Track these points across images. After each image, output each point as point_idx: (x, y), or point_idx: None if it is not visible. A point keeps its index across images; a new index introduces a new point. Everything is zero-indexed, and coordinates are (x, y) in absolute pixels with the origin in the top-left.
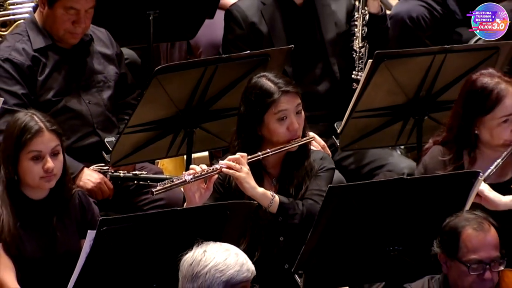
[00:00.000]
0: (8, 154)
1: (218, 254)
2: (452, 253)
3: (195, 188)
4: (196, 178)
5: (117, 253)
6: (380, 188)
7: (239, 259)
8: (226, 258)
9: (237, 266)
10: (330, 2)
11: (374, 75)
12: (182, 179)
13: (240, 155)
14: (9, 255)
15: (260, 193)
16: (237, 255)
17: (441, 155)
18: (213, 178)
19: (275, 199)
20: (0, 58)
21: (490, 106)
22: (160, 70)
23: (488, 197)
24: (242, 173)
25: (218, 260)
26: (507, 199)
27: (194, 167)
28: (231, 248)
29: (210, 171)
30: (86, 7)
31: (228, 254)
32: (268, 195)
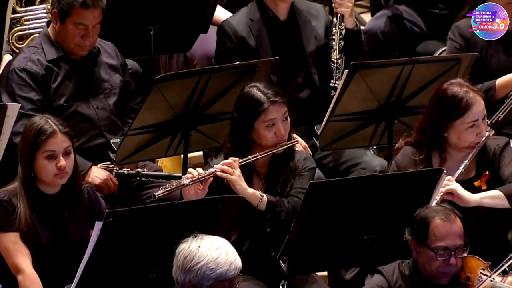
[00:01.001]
0: (25, 154)
1: (210, 252)
2: (422, 240)
3: (192, 190)
4: (194, 182)
5: (121, 242)
6: (355, 184)
7: (228, 258)
8: (217, 257)
9: (226, 265)
10: (310, 19)
11: (349, 83)
12: (181, 182)
13: (233, 160)
14: (26, 244)
15: (250, 193)
16: (227, 254)
17: (413, 155)
18: (209, 181)
19: (263, 199)
20: (17, 68)
21: (460, 112)
22: (160, 79)
23: (461, 195)
24: (234, 176)
25: (209, 259)
26: (476, 197)
27: (192, 171)
28: (222, 245)
29: (206, 174)
30: (94, 23)
31: (219, 253)
32: (258, 195)
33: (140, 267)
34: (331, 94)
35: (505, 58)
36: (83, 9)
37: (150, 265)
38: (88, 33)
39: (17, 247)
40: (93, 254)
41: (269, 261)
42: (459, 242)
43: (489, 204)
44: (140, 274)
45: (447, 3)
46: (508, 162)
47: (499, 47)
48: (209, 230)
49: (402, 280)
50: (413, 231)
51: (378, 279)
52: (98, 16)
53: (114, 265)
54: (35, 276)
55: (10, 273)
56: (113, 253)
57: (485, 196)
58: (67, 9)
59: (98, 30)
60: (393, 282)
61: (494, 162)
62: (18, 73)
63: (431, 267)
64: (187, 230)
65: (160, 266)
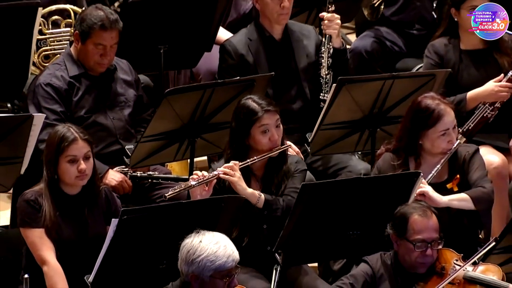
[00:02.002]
0: (49, 158)
1: (210, 246)
2: (402, 234)
3: (198, 190)
4: (200, 183)
5: (135, 237)
6: (343, 185)
7: (227, 251)
8: (216, 250)
9: (224, 258)
10: (302, 38)
11: (337, 96)
12: (188, 184)
13: (234, 163)
14: (50, 238)
15: (250, 193)
16: (226, 247)
17: (392, 160)
18: (213, 182)
19: (261, 198)
20: (43, 83)
21: (433, 122)
22: (169, 92)
23: (432, 196)
24: (235, 178)
25: (209, 252)
26: (445, 199)
27: (198, 173)
28: (221, 240)
29: (210, 176)
30: (111, 43)
31: (218, 246)
32: (256, 194)
33: (151, 259)
34: (320, 105)
35: (475, 74)
36: (102, 31)
37: (160, 257)
38: (106, 52)
39: (43, 241)
40: (109, 247)
41: (266, 254)
42: (435, 236)
43: (457, 205)
44: (151, 265)
45: (423, 25)
46: (476, 168)
47: (470, 63)
48: (213, 226)
49: (385, 268)
50: (394, 226)
51: (363, 267)
52: (115, 37)
53: (129, 258)
54: (58, 267)
55: (36, 264)
56: (127, 247)
57: (454, 199)
58: (87, 31)
59: (115, 49)
60: (377, 270)
61: (464, 167)
62: (43, 88)
63: (410, 258)
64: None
65: (169, 258)
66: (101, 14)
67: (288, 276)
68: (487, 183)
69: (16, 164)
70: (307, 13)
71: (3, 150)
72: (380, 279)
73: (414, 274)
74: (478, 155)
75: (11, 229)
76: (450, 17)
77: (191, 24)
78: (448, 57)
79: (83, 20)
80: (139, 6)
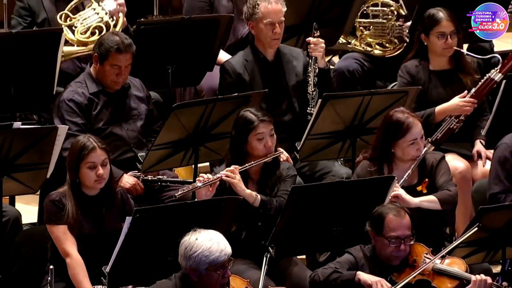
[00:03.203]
0: (72, 164)
1: (205, 242)
2: (379, 231)
3: (203, 191)
4: (204, 184)
5: (146, 233)
6: (327, 188)
7: (219, 247)
8: (210, 246)
9: (217, 253)
10: (292, 60)
11: (322, 110)
12: (195, 185)
13: (234, 167)
14: (72, 234)
15: (248, 193)
16: (219, 243)
17: (368, 167)
18: (216, 184)
19: (257, 198)
20: (66, 98)
21: (402, 133)
22: (176, 107)
23: (405, 198)
24: (235, 180)
25: (204, 248)
26: (416, 200)
27: (203, 176)
28: (214, 237)
29: (214, 179)
30: (126, 64)
31: (212, 243)
32: (253, 195)
33: (160, 252)
34: (308, 118)
35: (442, 91)
36: (117, 53)
37: (168, 251)
38: (121, 72)
39: (66, 236)
40: (124, 242)
41: (261, 248)
42: (407, 233)
43: (426, 206)
44: (160, 257)
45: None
46: (442, 173)
47: (438, 82)
48: (215, 223)
49: (365, 259)
50: (372, 224)
51: (347, 256)
52: (129, 59)
53: (141, 251)
54: (79, 259)
55: (60, 257)
56: (139, 241)
57: (423, 200)
58: (105, 53)
59: (129, 69)
60: (359, 259)
61: (432, 172)
62: (67, 103)
63: (386, 252)
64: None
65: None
66: (117, 39)
67: (280, 267)
68: (452, 186)
69: (42, 169)
70: (296, 38)
71: (31, 157)
72: (361, 268)
73: (389, 265)
74: (444, 161)
75: (38, 226)
76: (420, 42)
77: (195, 48)
78: (419, 77)
79: (101, 44)
80: (151, 32)
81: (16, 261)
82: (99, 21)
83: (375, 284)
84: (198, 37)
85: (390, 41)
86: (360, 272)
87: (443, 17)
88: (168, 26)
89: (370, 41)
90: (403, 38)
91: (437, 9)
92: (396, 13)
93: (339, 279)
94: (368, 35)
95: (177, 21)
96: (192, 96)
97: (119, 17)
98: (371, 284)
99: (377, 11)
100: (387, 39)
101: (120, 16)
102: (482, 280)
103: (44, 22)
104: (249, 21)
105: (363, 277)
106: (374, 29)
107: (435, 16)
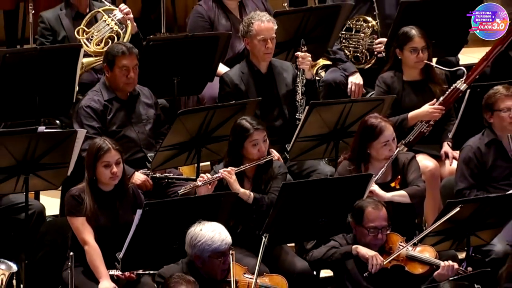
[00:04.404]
0: (89, 164)
1: (208, 233)
2: (359, 222)
3: (204, 189)
4: (205, 183)
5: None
6: (314, 184)
7: (221, 237)
8: (212, 236)
9: (219, 242)
10: (282, 72)
11: (309, 116)
12: (196, 184)
13: (231, 169)
14: (90, 225)
15: (242, 192)
16: (220, 234)
17: (348, 166)
18: (214, 183)
19: (250, 196)
20: (84, 105)
21: (376, 135)
22: (181, 113)
23: (378, 194)
24: (232, 180)
25: (207, 238)
26: (389, 195)
27: (203, 175)
28: (216, 228)
29: (213, 178)
30: (132, 65)
31: (214, 233)
32: (247, 193)
33: (166, 240)
34: (296, 123)
35: (414, 99)
36: (123, 56)
37: (174, 239)
38: (129, 72)
39: (84, 227)
40: (135, 232)
41: (255, 237)
42: (384, 223)
43: (397, 200)
44: (166, 245)
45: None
46: (412, 170)
47: (411, 91)
48: (215, 215)
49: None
50: (353, 215)
51: (333, 243)
52: (135, 59)
53: (149, 239)
54: (96, 246)
55: (79, 245)
56: (149, 231)
57: (395, 195)
58: (112, 59)
59: (137, 70)
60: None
61: (403, 170)
62: (85, 109)
63: (365, 240)
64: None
65: (180, 240)
66: (119, 45)
67: (273, 255)
68: (420, 182)
69: (64, 168)
70: (286, 53)
71: (54, 157)
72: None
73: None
74: (414, 160)
75: (60, 218)
76: (395, 56)
77: (198, 61)
78: (393, 86)
79: (108, 53)
80: (159, 47)
81: (40, 248)
82: (110, 31)
83: (371, 258)
84: (200, 52)
85: (362, 54)
86: (357, 245)
87: (415, 34)
88: (174, 42)
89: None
90: (374, 52)
91: (410, 27)
92: (372, 29)
93: (337, 253)
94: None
95: (181, 38)
96: (195, 103)
97: (128, 24)
98: (368, 257)
99: (358, 25)
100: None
101: (129, 23)
102: (449, 265)
103: (64, 39)
104: (245, 37)
105: (361, 250)
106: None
107: (408, 33)
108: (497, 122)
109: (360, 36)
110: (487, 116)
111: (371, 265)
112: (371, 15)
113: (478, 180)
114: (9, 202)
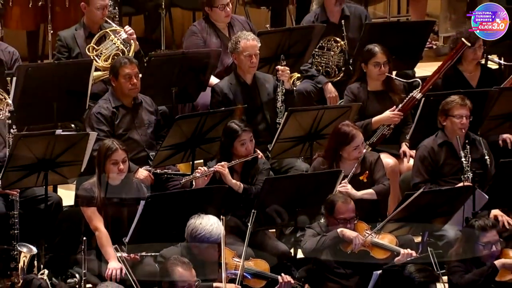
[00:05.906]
0: (99, 161)
1: (206, 226)
2: (330, 213)
3: (200, 180)
4: (202, 175)
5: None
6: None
7: (218, 229)
8: (211, 230)
9: (216, 235)
10: (265, 83)
11: (288, 120)
12: (195, 175)
13: (224, 163)
14: (100, 214)
15: (234, 183)
16: (218, 227)
17: (322, 164)
18: (210, 175)
19: (241, 186)
20: (95, 112)
21: (348, 141)
22: (178, 118)
23: (351, 193)
24: (225, 172)
25: (206, 231)
26: (359, 193)
27: (201, 168)
28: (214, 222)
29: (209, 171)
30: (134, 72)
31: (212, 227)
32: (238, 184)
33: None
34: (277, 127)
35: (377, 106)
36: (125, 66)
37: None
38: (132, 79)
39: (95, 216)
40: (139, 220)
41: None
42: (352, 215)
43: (366, 197)
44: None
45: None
46: (378, 170)
47: (374, 99)
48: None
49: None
50: (326, 207)
51: (310, 231)
52: (135, 67)
53: (152, 226)
54: (106, 232)
55: (91, 231)
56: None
57: (364, 193)
58: (116, 70)
59: (139, 78)
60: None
61: (371, 167)
62: (95, 115)
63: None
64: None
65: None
66: (121, 58)
67: (256, 239)
68: (386, 181)
69: (78, 165)
70: (268, 66)
71: (69, 156)
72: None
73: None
74: (380, 160)
75: (74, 207)
76: (361, 69)
77: (193, 74)
78: (359, 96)
79: (113, 66)
80: (159, 62)
81: (58, 234)
82: (117, 49)
83: (355, 238)
84: (195, 66)
85: (332, 69)
86: (342, 228)
87: (378, 51)
88: (172, 58)
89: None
90: (341, 68)
91: (373, 45)
92: (341, 49)
93: (327, 239)
94: (318, 62)
95: (179, 54)
96: (190, 110)
97: (132, 43)
98: (353, 238)
99: (329, 44)
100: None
101: (132, 42)
102: (408, 253)
103: (78, 55)
104: (233, 53)
105: (346, 232)
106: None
107: (372, 50)
108: (449, 125)
109: (330, 54)
110: (442, 119)
111: (355, 244)
112: (340, 36)
113: (431, 175)
114: (31, 194)
